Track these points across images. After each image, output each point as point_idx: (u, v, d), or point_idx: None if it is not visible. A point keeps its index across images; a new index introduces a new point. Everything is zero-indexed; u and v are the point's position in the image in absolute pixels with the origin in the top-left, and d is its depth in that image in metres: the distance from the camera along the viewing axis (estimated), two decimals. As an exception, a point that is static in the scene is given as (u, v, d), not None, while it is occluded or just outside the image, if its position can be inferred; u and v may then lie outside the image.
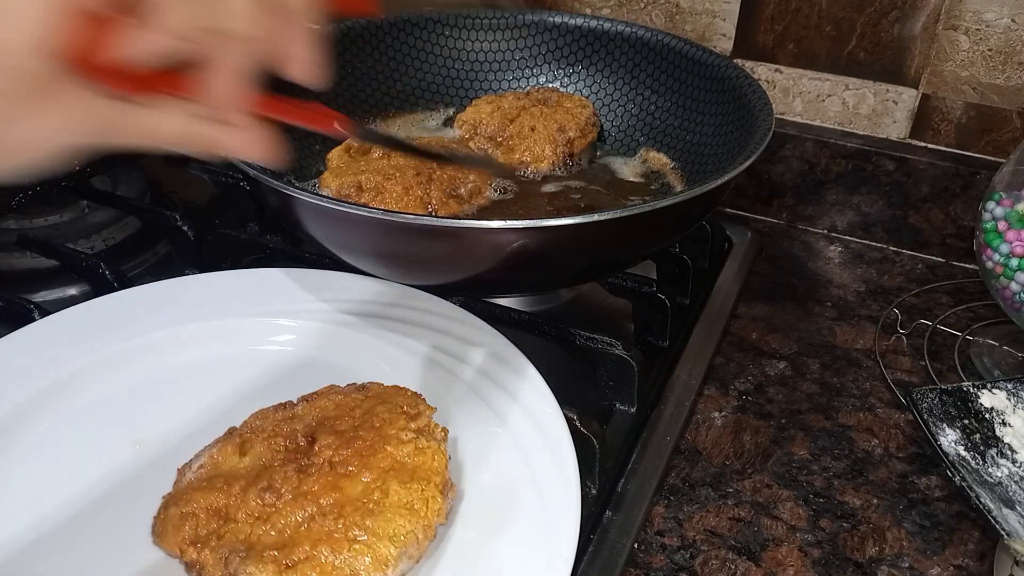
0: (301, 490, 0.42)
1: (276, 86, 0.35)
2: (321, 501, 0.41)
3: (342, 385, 0.50)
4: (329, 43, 0.41)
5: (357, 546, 0.39)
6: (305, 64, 0.33)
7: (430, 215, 0.65)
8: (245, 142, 0.34)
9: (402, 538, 0.40)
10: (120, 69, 0.30)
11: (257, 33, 0.31)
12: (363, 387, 0.49)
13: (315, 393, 0.49)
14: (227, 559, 0.39)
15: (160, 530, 0.42)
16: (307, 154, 0.73)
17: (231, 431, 0.47)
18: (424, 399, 0.48)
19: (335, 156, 0.70)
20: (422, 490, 0.42)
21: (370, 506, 0.41)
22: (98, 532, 0.44)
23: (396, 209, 0.63)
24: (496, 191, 0.70)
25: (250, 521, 0.41)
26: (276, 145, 0.34)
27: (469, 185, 0.68)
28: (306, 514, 0.41)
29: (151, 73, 0.31)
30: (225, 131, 0.33)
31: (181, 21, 0.29)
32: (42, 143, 0.30)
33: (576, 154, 0.75)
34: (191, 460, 0.46)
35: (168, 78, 0.31)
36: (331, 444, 0.44)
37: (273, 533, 0.40)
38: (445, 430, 0.47)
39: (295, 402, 0.49)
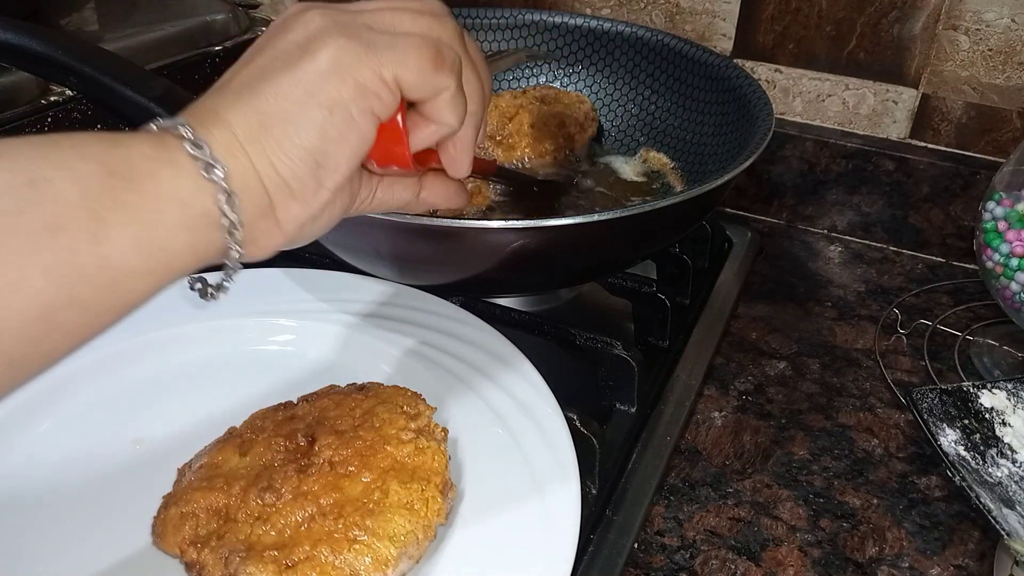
0: (301, 490, 0.42)
1: None
2: (321, 501, 0.41)
3: (342, 385, 0.50)
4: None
5: (357, 546, 0.39)
6: (482, 132, 0.41)
7: (432, 215, 0.65)
8: (450, 196, 0.43)
9: (402, 538, 0.40)
10: (399, 155, 0.37)
11: (483, 110, 0.39)
12: (363, 387, 0.49)
13: (315, 393, 0.49)
14: (227, 559, 0.39)
15: (160, 530, 0.42)
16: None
17: (231, 431, 0.47)
18: (424, 399, 0.48)
19: None
20: (422, 490, 0.42)
21: (370, 506, 0.41)
22: (98, 532, 0.44)
23: None
24: (496, 191, 0.70)
25: (250, 521, 0.41)
26: (462, 189, 0.44)
27: (469, 185, 0.68)
28: (306, 514, 0.41)
29: (416, 154, 0.38)
30: (432, 192, 0.42)
31: (457, 116, 0.37)
32: (330, 223, 0.37)
33: (576, 149, 0.75)
34: (191, 460, 0.46)
35: (424, 155, 0.39)
36: (331, 444, 0.44)
37: (273, 533, 0.40)
38: (445, 430, 0.47)
39: (295, 402, 0.49)
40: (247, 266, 0.37)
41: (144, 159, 0.31)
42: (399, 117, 0.36)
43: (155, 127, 0.33)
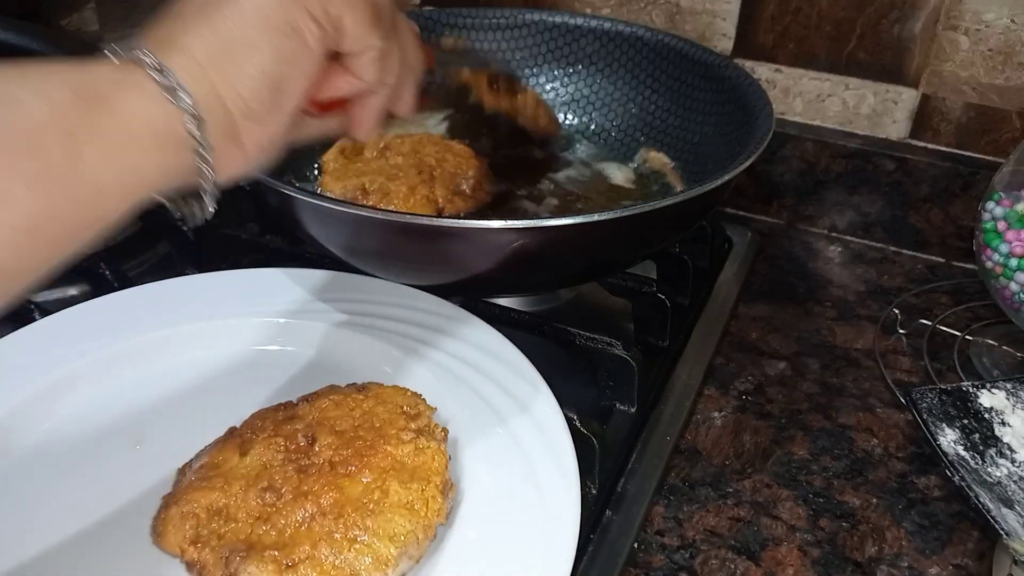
0: (301, 490, 0.42)
1: None
2: (321, 501, 0.41)
3: (342, 385, 0.50)
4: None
5: (357, 546, 0.39)
6: (409, 104, 0.45)
7: (437, 215, 0.65)
8: (375, 126, 0.45)
9: (402, 538, 0.40)
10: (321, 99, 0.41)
11: (397, 84, 0.43)
12: (363, 387, 0.49)
13: (315, 393, 0.49)
14: (227, 559, 0.39)
15: (160, 530, 0.42)
16: (306, 154, 0.73)
17: (231, 431, 0.47)
18: (424, 399, 0.48)
19: (331, 159, 0.70)
20: (422, 490, 0.42)
21: (370, 506, 0.41)
22: (98, 532, 0.44)
23: (404, 209, 0.63)
24: (496, 187, 0.71)
25: (250, 521, 0.41)
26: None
27: (470, 180, 0.68)
28: (306, 514, 0.41)
29: (333, 100, 0.42)
30: (356, 123, 0.45)
31: (375, 75, 0.41)
32: (279, 148, 0.39)
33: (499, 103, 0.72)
34: (191, 460, 0.46)
35: (339, 103, 0.43)
36: (331, 444, 0.44)
37: (273, 533, 0.40)
38: (445, 430, 0.47)
39: (295, 402, 0.49)
40: (248, 267, 0.37)
41: (111, 84, 0.32)
42: (326, 71, 0.39)
43: (116, 53, 0.34)
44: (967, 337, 0.69)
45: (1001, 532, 0.47)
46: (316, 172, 0.71)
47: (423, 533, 0.41)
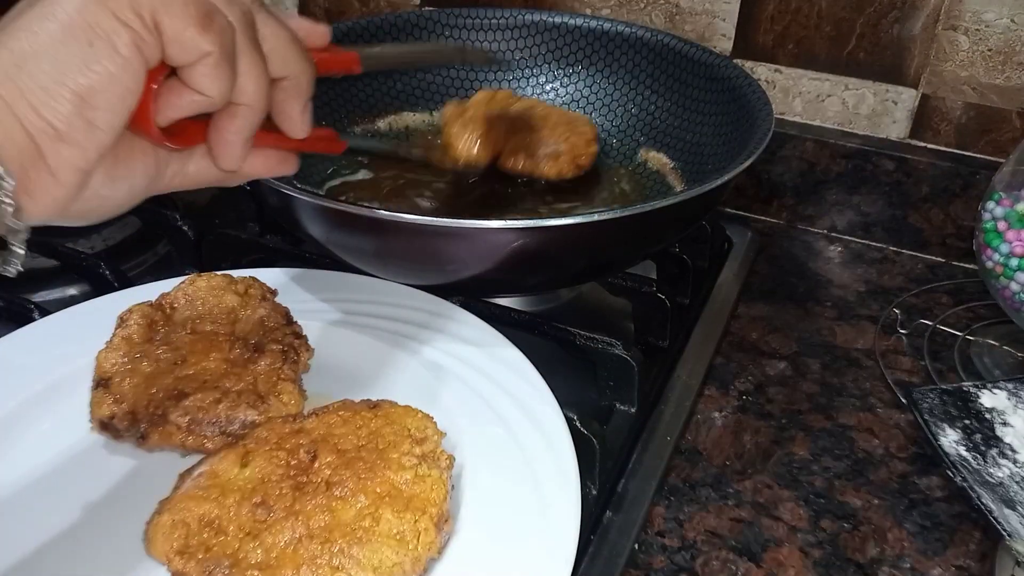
0: (294, 509, 0.41)
1: None
2: (311, 523, 0.40)
3: (356, 400, 0.48)
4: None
5: (340, 574, 0.38)
6: (296, 123, 0.40)
7: (433, 215, 0.64)
8: (272, 167, 0.42)
9: (387, 570, 0.39)
10: (165, 127, 0.36)
11: (261, 103, 0.37)
12: (376, 405, 0.47)
13: (326, 407, 0.47)
14: (211, 573, 0.39)
15: (151, 536, 0.41)
16: (310, 156, 0.73)
17: (238, 439, 0.46)
18: (435, 423, 0.46)
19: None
20: (415, 521, 0.40)
21: (359, 534, 0.40)
22: (98, 533, 0.44)
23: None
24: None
25: (239, 536, 0.40)
26: (288, 158, 0.43)
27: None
28: (294, 535, 0.40)
29: (183, 126, 0.36)
30: (250, 163, 0.40)
31: (217, 88, 0.35)
32: (130, 183, 0.36)
33: (509, 165, 0.70)
34: (193, 466, 0.46)
35: (189, 130, 0.37)
36: (331, 463, 0.43)
37: (260, 552, 0.39)
38: (451, 458, 0.45)
39: (305, 414, 0.48)
40: (248, 267, 0.36)
41: None
42: (161, 86, 0.34)
43: None
44: (968, 337, 0.69)
45: (1003, 533, 0.47)
46: (326, 173, 0.71)
47: (411, 566, 0.40)
